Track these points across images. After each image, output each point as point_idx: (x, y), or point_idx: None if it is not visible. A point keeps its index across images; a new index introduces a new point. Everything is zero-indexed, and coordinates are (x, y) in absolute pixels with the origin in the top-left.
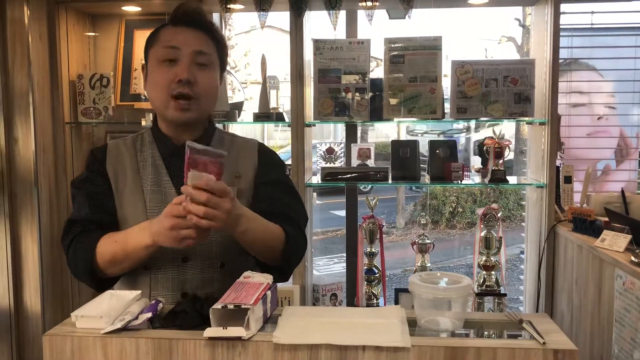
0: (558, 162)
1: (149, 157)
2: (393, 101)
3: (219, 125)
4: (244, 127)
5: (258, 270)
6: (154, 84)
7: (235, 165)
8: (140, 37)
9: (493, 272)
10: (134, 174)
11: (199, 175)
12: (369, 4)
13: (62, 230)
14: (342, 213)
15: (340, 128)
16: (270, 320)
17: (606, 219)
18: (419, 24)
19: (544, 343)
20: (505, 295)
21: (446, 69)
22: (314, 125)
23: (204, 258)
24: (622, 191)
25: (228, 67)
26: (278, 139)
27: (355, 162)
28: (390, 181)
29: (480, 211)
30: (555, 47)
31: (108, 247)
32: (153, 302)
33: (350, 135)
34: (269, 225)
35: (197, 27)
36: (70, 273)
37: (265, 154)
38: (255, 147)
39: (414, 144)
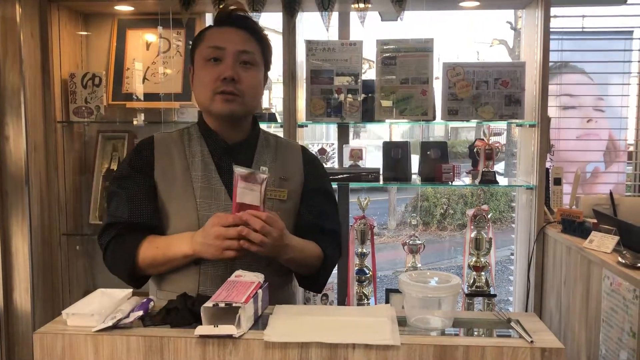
0: (548, 164)
1: (198, 153)
2: (385, 103)
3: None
4: None
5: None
6: (200, 82)
7: (283, 168)
8: (132, 37)
9: (483, 273)
10: (184, 170)
11: (251, 194)
12: (362, 5)
13: (100, 229)
14: None
15: (333, 129)
16: (261, 318)
17: (595, 220)
18: (411, 26)
19: (531, 341)
20: (495, 295)
21: (438, 71)
22: (307, 126)
23: (252, 256)
24: (611, 193)
25: None
26: None
27: (347, 162)
28: (381, 182)
29: (470, 212)
30: (546, 50)
31: (149, 251)
32: (144, 300)
33: (342, 136)
34: (311, 251)
35: (241, 27)
36: (108, 270)
37: (310, 160)
38: (300, 152)
39: (405, 145)
